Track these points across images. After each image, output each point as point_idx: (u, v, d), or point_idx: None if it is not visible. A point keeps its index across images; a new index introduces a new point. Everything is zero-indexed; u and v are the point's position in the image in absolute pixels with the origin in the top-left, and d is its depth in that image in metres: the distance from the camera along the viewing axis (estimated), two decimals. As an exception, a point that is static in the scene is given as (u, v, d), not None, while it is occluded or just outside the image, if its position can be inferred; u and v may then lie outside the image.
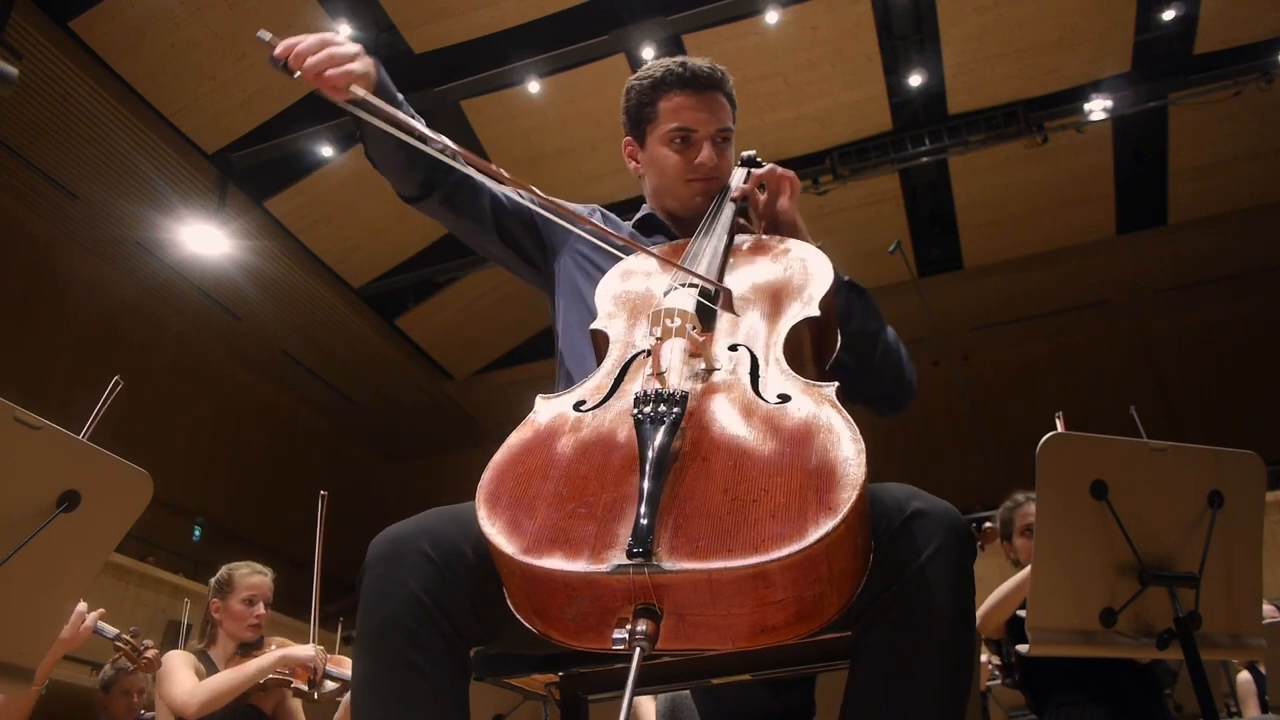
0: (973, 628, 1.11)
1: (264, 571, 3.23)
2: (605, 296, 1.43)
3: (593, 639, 0.97)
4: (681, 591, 0.92)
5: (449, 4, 9.44)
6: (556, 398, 1.21)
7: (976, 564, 1.15)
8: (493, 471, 1.08)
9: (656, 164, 1.70)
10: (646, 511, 0.94)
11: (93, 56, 9.18)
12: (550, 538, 0.97)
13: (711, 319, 1.30)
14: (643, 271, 1.48)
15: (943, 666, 1.06)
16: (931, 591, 1.06)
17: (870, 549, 1.06)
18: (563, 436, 1.12)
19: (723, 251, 1.46)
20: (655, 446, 1.00)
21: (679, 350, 1.21)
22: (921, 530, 1.08)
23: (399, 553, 1.12)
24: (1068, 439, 1.74)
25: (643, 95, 1.70)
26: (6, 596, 1.49)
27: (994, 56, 10.19)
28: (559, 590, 0.96)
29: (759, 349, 1.23)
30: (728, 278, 1.42)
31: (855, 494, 0.95)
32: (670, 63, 1.69)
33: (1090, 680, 2.86)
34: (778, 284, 1.39)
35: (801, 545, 0.91)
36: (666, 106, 1.67)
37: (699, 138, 1.66)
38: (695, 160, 1.66)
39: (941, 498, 1.15)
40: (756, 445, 1.04)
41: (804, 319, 1.30)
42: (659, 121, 1.68)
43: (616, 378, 1.22)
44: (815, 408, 1.08)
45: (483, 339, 14.18)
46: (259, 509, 13.51)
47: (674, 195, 1.70)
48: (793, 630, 0.97)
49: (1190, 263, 13.09)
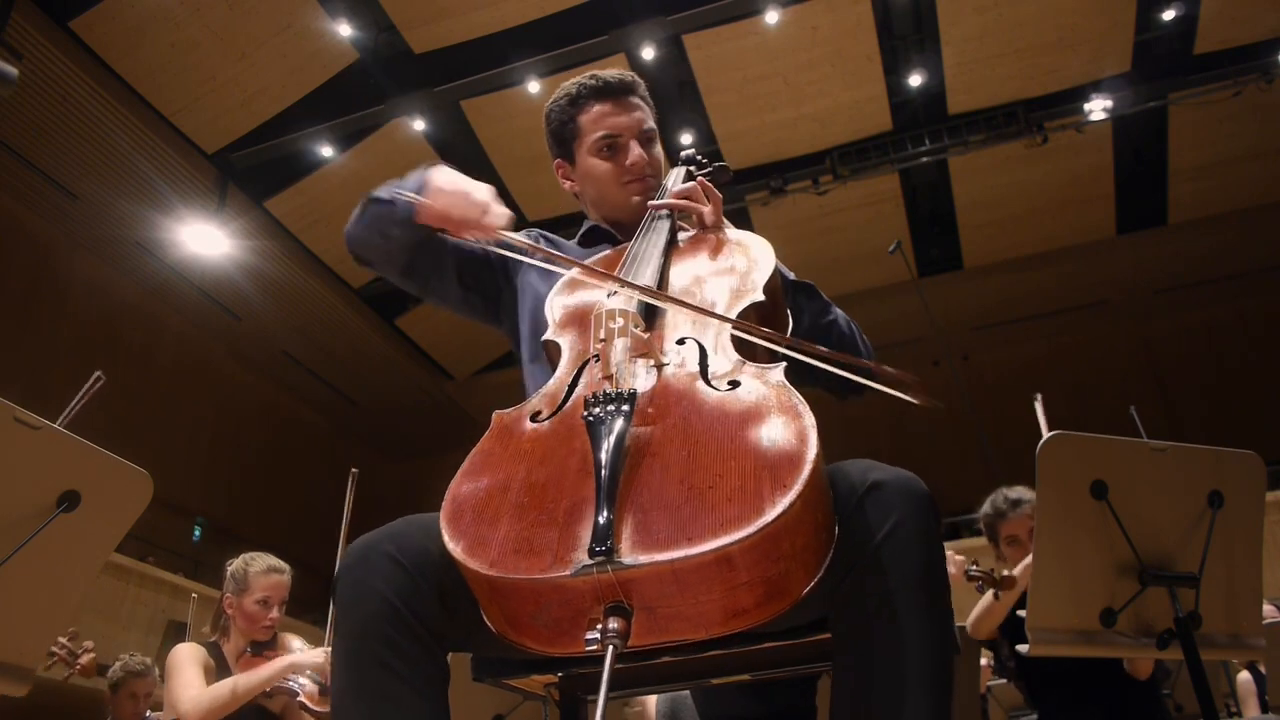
0: (944, 595, 1.09)
1: (281, 569, 3.09)
2: (554, 308, 1.45)
3: (567, 643, 0.98)
4: (648, 585, 0.93)
5: (449, 4, 9.44)
6: (513, 410, 1.23)
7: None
8: (454, 490, 1.10)
9: (590, 175, 1.73)
10: (604, 510, 0.95)
11: (93, 56, 9.19)
12: (514, 548, 0.98)
13: (656, 316, 1.31)
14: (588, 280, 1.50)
15: (914, 641, 1.05)
16: (897, 563, 1.05)
17: (834, 523, 1.06)
18: (521, 448, 1.13)
19: (663, 249, 1.48)
20: (607, 446, 1.01)
21: (625, 350, 1.22)
22: (882, 501, 1.08)
23: (367, 559, 1.13)
24: (1068, 439, 1.74)
25: (562, 114, 1.74)
26: (6, 596, 1.49)
27: (994, 56, 10.20)
28: (528, 598, 0.97)
29: (707, 339, 1.24)
30: (671, 273, 1.45)
31: (808, 469, 0.96)
32: (581, 79, 1.73)
33: (1089, 680, 2.86)
34: (720, 274, 1.41)
35: (759, 525, 0.91)
36: (587, 119, 1.71)
37: (624, 141, 1.69)
38: (627, 163, 1.69)
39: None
40: (708, 433, 1.05)
41: (749, 304, 1.32)
42: (583, 135, 1.71)
43: (569, 385, 1.23)
44: (764, 390, 1.10)
45: (483, 339, 14.18)
46: (259, 509, 13.52)
47: (613, 202, 1.73)
48: (764, 610, 0.97)
49: (1190, 263, 13.10)
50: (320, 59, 9.87)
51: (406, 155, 11.00)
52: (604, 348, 1.24)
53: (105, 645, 8.39)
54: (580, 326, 1.38)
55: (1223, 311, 13.97)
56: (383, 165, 10.98)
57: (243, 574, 3.05)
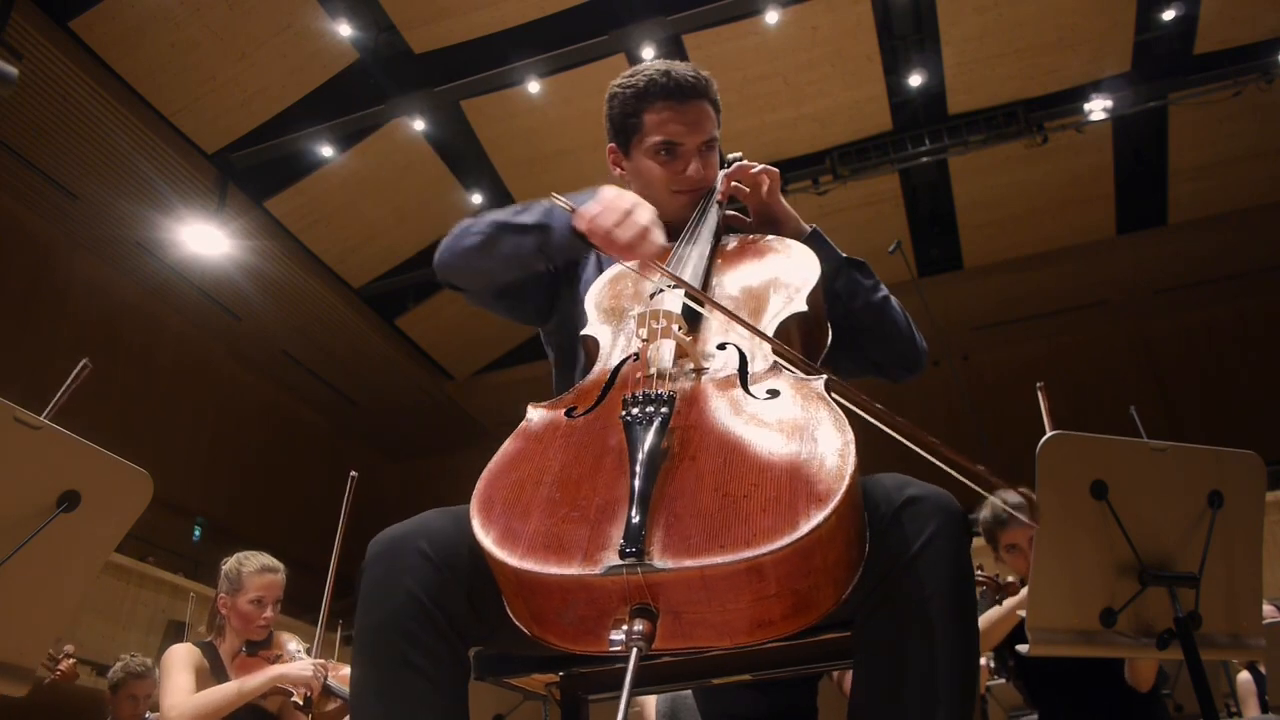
0: (973, 611, 1.10)
1: (275, 568, 3.07)
2: (593, 303, 1.44)
3: (590, 642, 0.97)
4: (676, 589, 0.92)
5: (449, 4, 9.44)
6: (549, 405, 1.22)
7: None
8: (486, 480, 1.09)
9: (642, 175, 1.68)
10: (638, 511, 0.94)
11: (93, 56, 9.18)
12: (544, 544, 0.97)
13: (698, 320, 1.31)
14: (631, 276, 1.49)
15: (946, 653, 1.05)
16: (929, 578, 1.06)
17: (865, 539, 1.06)
18: (555, 443, 1.12)
19: (709, 254, 1.47)
20: (644, 447, 1.01)
21: (666, 351, 1.22)
22: (916, 517, 1.08)
23: (397, 553, 1.12)
24: (1068, 439, 1.74)
25: (626, 105, 1.68)
26: (6, 596, 1.49)
27: (994, 56, 10.19)
28: (555, 595, 0.96)
29: (747, 345, 1.23)
30: (714, 278, 1.43)
31: (845, 484, 0.95)
32: (654, 71, 1.65)
33: (1089, 680, 2.85)
34: (764, 282, 1.40)
35: (793, 538, 0.91)
36: (652, 119, 1.65)
37: (685, 150, 1.65)
38: (682, 173, 1.65)
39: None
40: (745, 441, 1.04)
41: (791, 315, 1.31)
42: (644, 133, 1.66)
43: (607, 382, 1.22)
44: (804, 402, 1.09)
45: (483, 339, 14.18)
46: (259, 509, 13.51)
47: (660, 205, 1.70)
48: (790, 623, 0.97)
49: (1190, 263, 13.09)
50: (320, 59, 9.87)
51: (406, 155, 11.01)
52: (645, 347, 1.23)
53: (105, 645, 8.39)
54: (621, 323, 1.37)
55: (1223, 311, 13.96)
56: (383, 165, 11.01)
57: (236, 573, 3.03)
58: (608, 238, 1.34)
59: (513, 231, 1.48)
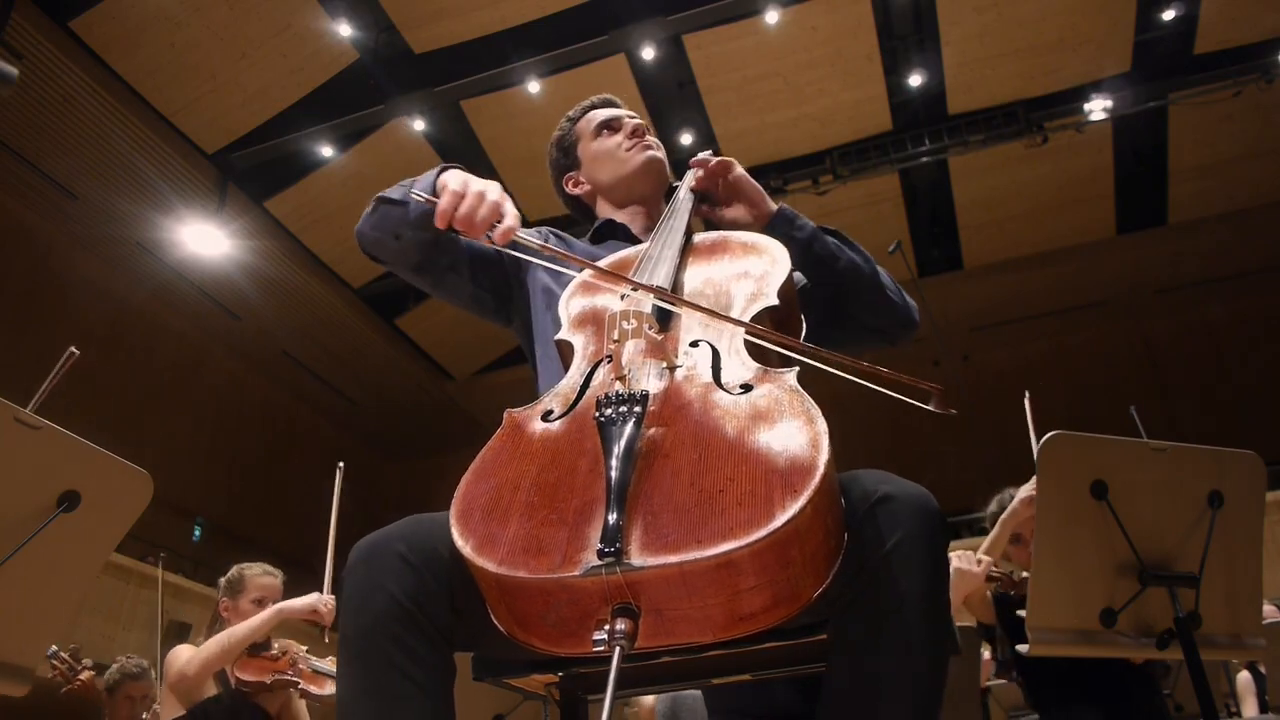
0: (945, 612, 1.10)
1: (275, 573, 3.23)
2: (566, 307, 1.45)
3: (574, 644, 0.98)
4: (656, 587, 0.93)
5: (449, 4, 9.44)
6: (525, 410, 1.22)
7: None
8: (464, 488, 1.09)
9: (598, 157, 1.83)
10: (614, 511, 0.95)
11: (93, 56, 9.19)
12: (524, 547, 0.98)
13: (670, 319, 1.31)
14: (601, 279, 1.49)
15: (913, 653, 1.06)
16: (900, 577, 1.06)
17: (843, 531, 1.07)
18: (533, 447, 1.13)
19: (679, 251, 1.48)
20: (619, 447, 1.01)
21: (638, 351, 1.22)
22: (890, 515, 1.08)
23: (376, 557, 1.13)
24: (1068, 439, 1.74)
25: (564, 135, 1.90)
26: (6, 596, 1.49)
27: (994, 56, 10.20)
28: (536, 598, 0.97)
29: (720, 342, 1.24)
30: (685, 275, 1.44)
31: (819, 474, 0.96)
32: (576, 111, 1.92)
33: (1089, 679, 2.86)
34: (734, 277, 1.41)
35: (769, 530, 0.91)
36: (585, 125, 1.88)
37: (621, 121, 1.85)
38: (630, 134, 1.82)
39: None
40: (720, 436, 1.05)
41: (763, 309, 1.32)
42: (582, 133, 1.87)
43: (582, 385, 1.23)
44: (777, 394, 1.09)
45: (483, 339, 14.18)
46: (259, 509, 13.52)
47: (629, 181, 1.81)
48: (771, 615, 0.97)
49: (1190, 263, 13.10)
50: (320, 59, 9.88)
51: (406, 155, 11.00)
52: (617, 349, 1.24)
53: (105, 645, 8.39)
54: (594, 327, 1.37)
55: (1223, 311, 13.96)
56: (383, 165, 11.00)
57: (238, 577, 3.20)
58: (467, 223, 1.39)
59: (386, 204, 1.56)
